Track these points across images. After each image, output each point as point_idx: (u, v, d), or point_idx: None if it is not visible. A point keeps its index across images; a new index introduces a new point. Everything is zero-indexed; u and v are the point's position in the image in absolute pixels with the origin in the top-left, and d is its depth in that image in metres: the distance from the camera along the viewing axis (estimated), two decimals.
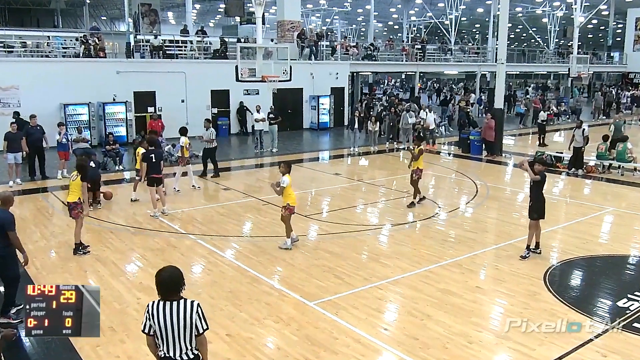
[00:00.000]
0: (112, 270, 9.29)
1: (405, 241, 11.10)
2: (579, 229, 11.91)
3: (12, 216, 7.27)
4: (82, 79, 21.55)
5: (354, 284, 8.72)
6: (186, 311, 4.49)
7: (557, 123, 32.68)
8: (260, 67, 17.79)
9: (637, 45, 45.88)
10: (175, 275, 4.55)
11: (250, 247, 10.58)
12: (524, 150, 22.31)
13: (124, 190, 15.27)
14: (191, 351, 4.55)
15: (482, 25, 57.90)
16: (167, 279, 4.52)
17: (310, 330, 7.22)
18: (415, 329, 7.28)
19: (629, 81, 46.16)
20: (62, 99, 21.12)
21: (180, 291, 4.54)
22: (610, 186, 16.52)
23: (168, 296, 4.52)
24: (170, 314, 4.48)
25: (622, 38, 50.23)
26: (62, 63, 22.15)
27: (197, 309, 4.53)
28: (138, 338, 6.89)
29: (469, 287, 8.64)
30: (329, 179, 16.84)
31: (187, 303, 4.52)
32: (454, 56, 39.45)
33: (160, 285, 4.53)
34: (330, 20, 52.09)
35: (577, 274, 9.66)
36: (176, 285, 4.52)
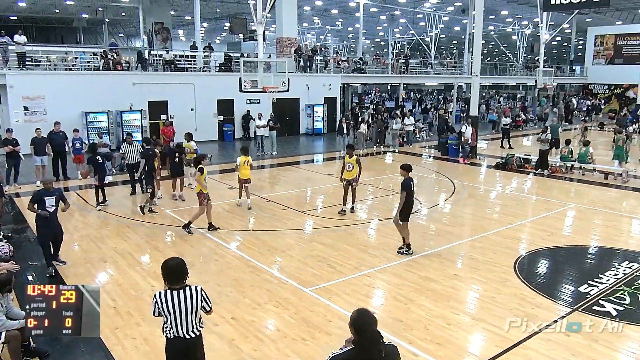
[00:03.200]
0: (129, 261, 9.27)
1: (391, 234, 11.08)
2: (545, 222, 11.95)
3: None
4: (101, 90, 21.45)
5: (345, 273, 8.73)
6: (192, 296, 4.55)
7: (525, 129, 32.79)
8: (261, 79, 17.79)
9: (596, 59, 46.02)
10: (180, 264, 4.62)
11: (252, 239, 10.56)
12: (496, 153, 22.37)
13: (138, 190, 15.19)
14: (197, 328, 4.64)
15: (458, 41, 58.04)
16: (173, 267, 4.57)
17: (307, 314, 7.22)
18: (400, 312, 7.29)
19: (589, 91, 46.35)
20: (83, 108, 21.00)
21: (185, 279, 4.58)
22: (572, 185, 16.58)
23: (174, 284, 4.54)
24: (178, 300, 4.51)
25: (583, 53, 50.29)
26: (83, 75, 22.05)
27: (202, 292, 4.62)
28: (153, 321, 6.87)
29: (448, 275, 8.66)
30: (323, 178, 16.83)
31: (192, 289, 4.58)
32: (434, 69, 39.43)
33: (168, 273, 4.56)
34: (323, 37, 52.11)
35: (543, 263, 9.69)
36: (181, 274, 4.57)
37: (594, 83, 46.32)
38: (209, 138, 24.29)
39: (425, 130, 28.16)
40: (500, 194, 15.70)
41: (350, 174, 12.15)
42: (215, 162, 18.96)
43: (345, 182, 12.25)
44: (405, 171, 9.47)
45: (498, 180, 17.77)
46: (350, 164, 12.10)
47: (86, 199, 13.93)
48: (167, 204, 13.13)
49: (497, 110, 34.14)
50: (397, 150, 23.15)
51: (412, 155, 22.25)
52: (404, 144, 24.43)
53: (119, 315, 7.13)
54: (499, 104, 43.14)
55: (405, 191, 9.29)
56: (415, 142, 25.71)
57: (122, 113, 21.72)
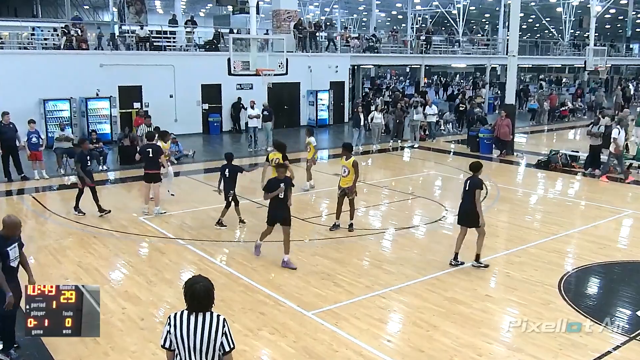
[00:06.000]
0: (95, 278, 9.29)
1: (410, 246, 11.10)
2: (596, 233, 11.92)
3: None
4: (62, 73, 21.54)
5: (355, 293, 8.73)
6: (212, 326, 4.33)
7: (572, 120, 32.78)
8: (254, 60, 17.81)
9: None
10: (209, 288, 4.37)
11: (243, 252, 10.58)
12: (536, 149, 22.34)
13: (108, 192, 15.28)
14: None
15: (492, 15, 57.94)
16: (201, 293, 4.32)
17: (308, 342, 7.22)
18: (421, 341, 7.29)
19: None
20: (41, 94, 21.08)
21: (210, 307, 4.39)
22: (630, 188, 16.52)
23: (197, 310, 4.36)
24: (195, 326, 4.32)
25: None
26: (41, 55, 22.15)
27: (224, 325, 4.38)
28: (123, 350, 6.91)
29: (478, 296, 8.64)
30: (328, 179, 16.83)
31: (213, 317, 4.36)
32: (462, 48, 39.50)
33: (191, 298, 4.34)
34: (329, 9, 52.11)
35: (594, 282, 9.68)
36: (208, 300, 4.36)
37: None
38: (191, 130, 24.39)
39: (452, 121, 28.16)
40: (542, 198, 15.67)
41: (346, 181, 11.63)
42: (199, 160, 19.05)
43: (340, 190, 11.81)
44: (475, 171, 9.96)
45: (539, 181, 17.75)
46: (345, 167, 11.64)
47: (43, 203, 13.98)
48: (140, 211, 13.15)
49: (538, 97, 34.10)
50: (416, 145, 23.16)
51: (435, 151, 22.27)
52: (425, 138, 24.43)
53: (83, 342, 7.13)
54: (541, 90, 43.05)
55: (479, 189, 9.75)
56: (439, 136, 25.72)
57: (87, 100, 21.81)
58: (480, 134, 22.01)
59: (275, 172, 12.16)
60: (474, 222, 9.72)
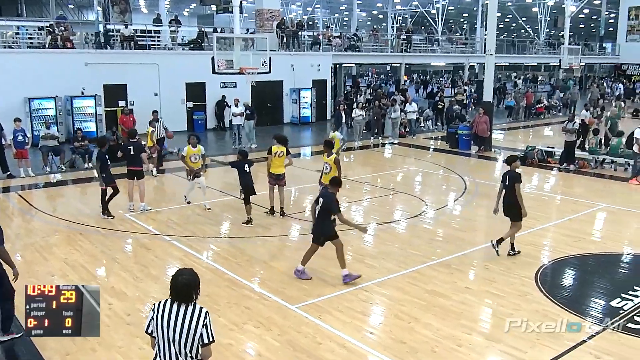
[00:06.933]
0: (81, 275, 9.21)
1: (391, 241, 11.14)
2: (571, 226, 12.05)
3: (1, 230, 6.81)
4: (48, 71, 21.29)
5: (338, 287, 8.73)
6: (192, 317, 4.38)
7: (548, 117, 33.07)
8: (238, 59, 17.74)
9: (630, 35, 46.44)
10: (191, 281, 4.44)
11: (228, 248, 10.55)
12: (513, 145, 22.51)
13: (94, 190, 15.12)
14: (193, 359, 4.44)
15: (470, 14, 58.27)
16: (180, 284, 4.41)
17: (293, 335, 7.22)
18: (402, 333, 7.32)
19: (622, 73, 46.75)
20: (26, 93, 20.83)
21: (191, 299, 4.44)
22: (603, 182, 16.72)
23: (177, 300, 4.44)
24: (175, 316, 4.38)
25: (615, 28, 50.83)
26: (26, 54, 21.87)
27: (206, 317, 4.42)
28: (110, 346, 6.86)
29: (458, 288, 8.70)
30: (311, 176, 16.81)
31: (195, 309, 4.42)
32: (441, 47, 39.65)
33: (172, 288, 4.44)
34: (311, 9, 52.06)
35: (569, 273, 9.78)
36: (188, 293, 4.42)
37: (627, 63, 46.73)
38: (176, 128, 24.11)
39: (431, 118, 28.29)
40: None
41: (327, 178, 11.05)
42: None
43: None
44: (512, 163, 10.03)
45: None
46: (327, 164, 11.48)
47: (29, 201, 13.82)
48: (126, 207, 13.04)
49: (515, 95, 34.35)
50: (396, 142, 23.23)
51: (415, 147, 22.34)
52: (406, 135, 24.53)
53: (71, 338, 7.06)
54: (517, 88, 43.36)
55: (518, 183, 9.75)
56: (419, 133, 25.82)
57: (72, 99, 21.57)
58: (459, 130, 22.14)
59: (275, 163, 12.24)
60: (516, 216, 9.84)
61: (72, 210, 12.98)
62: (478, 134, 21.19)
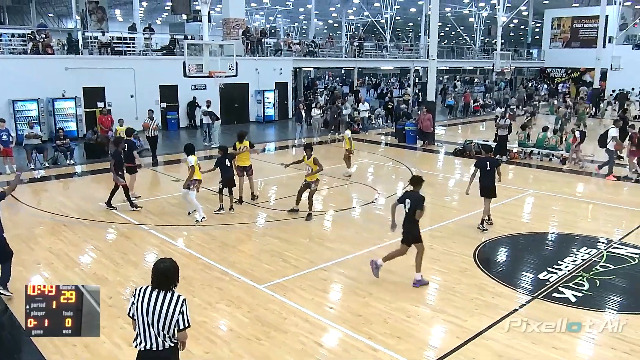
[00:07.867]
0: (66, 263, 8.99)
1: (348, 225, 11.22)
2: (504, 210, 12.32)
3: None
4: (30, 75, 20.62)
5: (301, 267, 8.77)
6: (170, 304, 4.34)
7: (483, 114, 33.67)
8: (207, 63, 17.52)
9: (553, 42, 47.59)
10: (170, 270, 4.40)
11: (201, 235, 10.45)
12: (454, 140, 22.85)
13: (76, 184, 14.78)
14: (170, 339, 4.42)
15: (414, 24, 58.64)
16: (159, 271, 4.38)
17: (261, 312, 7.22)
18: (359, 307, 7.39)
19: (546, 75, 47.94)
20: (10, 95, 20.12)
21: (170, 286, 4.40)
22: (531, 171, 17.14)
23: (156, 286, 4.39)
24: (155, 302, 4.33)
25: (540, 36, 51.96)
26: (9, 59, 21.11)
27: (182, 304, 4.38)
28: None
29: (407, 266, 8.77)
30: (275, 169, 16.75)
31: (174, 296, 4.38)
32: (390, 53, 39.86)
33: (153, 274, 4.39)
34: (273, 18, 51.63)
35: (503, 251, 10.02)
36: (166, 281, 4.38)
37: (551, 67, 47.91)
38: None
39: (381, 116, 28.50)
40: (459, 181, 16.06)
41: (311, 177, 11.48)
42: (159, 153, 18.61)
43: (304, 182, 11.65)
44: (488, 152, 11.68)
45: (456, 167, 18.19)
46: (309, 167, 11.45)
47: (15, 196, 13.38)
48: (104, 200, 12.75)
49: (454, 95, 34.88)
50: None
51: (367, 142, 22.47)
52: (359, 131, 24.64)
53: None
54: (456, 89, 44.08)
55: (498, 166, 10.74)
56: (371, 129, 25.99)
57: (54, 101, 20.96)
58: (406, 127, 22.35)
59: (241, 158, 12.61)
60: (494, 193, 10.70)
61: (56, 204, 12.64)
62: (423, 130, 21.45)
